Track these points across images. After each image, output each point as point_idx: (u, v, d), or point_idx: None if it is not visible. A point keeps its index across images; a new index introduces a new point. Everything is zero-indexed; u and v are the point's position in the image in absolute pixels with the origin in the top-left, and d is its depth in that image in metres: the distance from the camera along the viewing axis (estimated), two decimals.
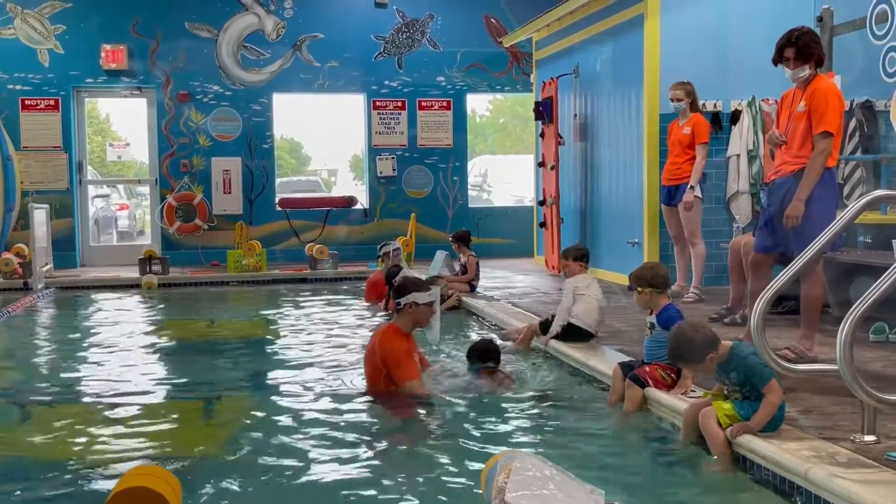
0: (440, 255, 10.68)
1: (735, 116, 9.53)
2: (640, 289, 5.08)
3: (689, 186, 8.42)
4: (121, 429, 5.18)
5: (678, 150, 8.60)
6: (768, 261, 5.90)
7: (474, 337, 7.72)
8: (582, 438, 4.76)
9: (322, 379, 6.33)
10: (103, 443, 4.91)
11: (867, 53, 7.86)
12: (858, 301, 3.80)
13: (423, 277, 9.89)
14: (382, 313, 9.21)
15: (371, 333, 8.36)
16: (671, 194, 8.71)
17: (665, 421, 4.77)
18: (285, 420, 5.26)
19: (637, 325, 7.11)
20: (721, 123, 9.68)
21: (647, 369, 5.02)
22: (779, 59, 5.66)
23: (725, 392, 4.25)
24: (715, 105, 9.67)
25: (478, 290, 10.02)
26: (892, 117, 7.69)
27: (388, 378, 5.50)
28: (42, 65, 13.71)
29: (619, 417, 5.03)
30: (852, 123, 8.31)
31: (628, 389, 5.03)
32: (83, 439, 4.99)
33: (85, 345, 8.15)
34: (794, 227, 5.46)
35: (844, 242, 7.19)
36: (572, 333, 6.54)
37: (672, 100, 8.65)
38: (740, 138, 9.37)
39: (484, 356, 6.09)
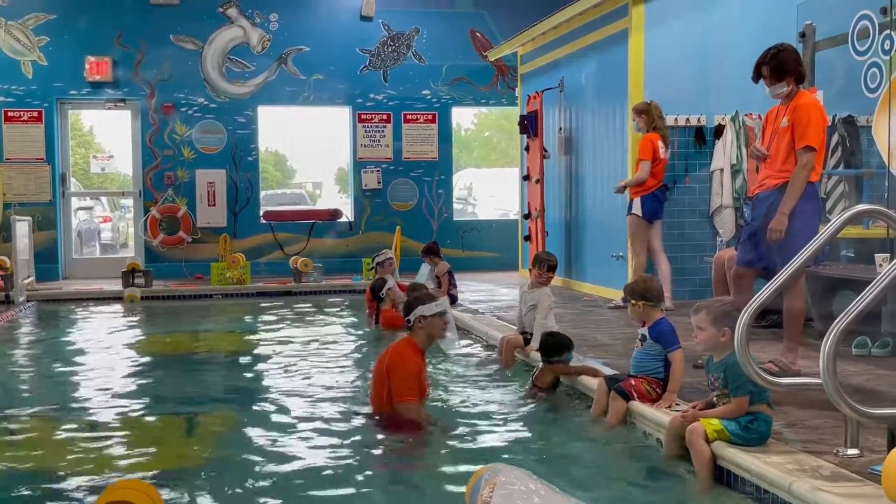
0: (425, 269, 10.67)
1: (718, 131, 9.59)
2: (633, 301, 5.09)
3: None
4: (103, 443, 5.14)
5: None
6: (751, 274, 5.92)
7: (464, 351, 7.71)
8: (567, 452, 4.76)
9: (305, 393, 6.30)
10: (85, 457, 4.87)
11: (849, 69, 7.91)
12: (841, 315, 3.81)
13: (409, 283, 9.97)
14: (370, 327, 9.20)
15: (355, 346, 8.43)
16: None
17: (650, 435, 4.77)
18: (268, 434, 5.23)
19: (622, 339, 7.13)
20: (705, 138, 9.75)
21: (633, 382, 5.02)
22: (757, 76, 5.73)
23: (714, 397, 4.27)
24: (699, 119, 9.74)
25: (461, 302, 10.00)
26: (873, 132, 7.74)
27: (389, 392, 5.23)
28: (25, 76, 13.66)
29: (603, 431, 5.03)
30: (835, 138, 8.36)
31: (613, 402, 5.03)
32: (65, 453, 4.94)
33: (67, 358, 8.08)
34: (777, 240, 5.49)
35: (827, 256, 7.23)
36: None
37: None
38: (724, 153, 9.43)
39: (558, 349, 5.87)
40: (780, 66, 5.59)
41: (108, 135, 30.36)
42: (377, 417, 5.37)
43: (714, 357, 4.32)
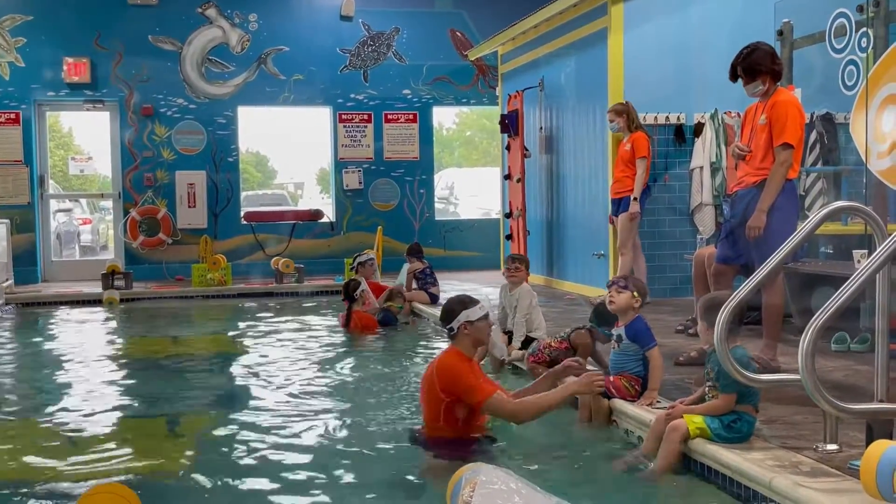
0: (406, 268, 10.66)
1: (698, 129, 9.63)
2: (635, 294, 5.03)
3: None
4: (82, 446, 5.11)
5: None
6: (730, 271, 5.95)
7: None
8: (548, 451, 4.76)
9: (286, 396, 6.28)
10: (65, 460, 4.83)
11: (827, 67, 7.96)
12: (820, 311, 3.83)
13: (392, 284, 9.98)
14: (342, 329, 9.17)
15: (337, 347, 8.40)
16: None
17: (631, 434, 4.78)
18: (249, 438, 5.20)
19: None
20: (684, 136, 9.79)
21: (612, 379, 5.03)
22: (733, 76, 5.77)
23: (707, 388, 4.28)
24: (678, 118, 9.78)
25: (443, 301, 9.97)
26: (851, 129, 7.79)
27: (450, 409, 4.71)
28: (2, 78, 13.55)
29: (584, 429, 5.03)
30: (813, 135, 8.40)
31: (594, 400, 5.03)
32: (44, 457, 4.91)
33: (46, 362, 8.03)
34: (756, 237, 5.52)
35: (806, 253, 7.27)
36: (528, 343, 6.59)
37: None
38: (703, 150, 9.46)
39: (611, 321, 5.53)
40: (753, 65, 5.64)
41: (86, 136, 30.35)
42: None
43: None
